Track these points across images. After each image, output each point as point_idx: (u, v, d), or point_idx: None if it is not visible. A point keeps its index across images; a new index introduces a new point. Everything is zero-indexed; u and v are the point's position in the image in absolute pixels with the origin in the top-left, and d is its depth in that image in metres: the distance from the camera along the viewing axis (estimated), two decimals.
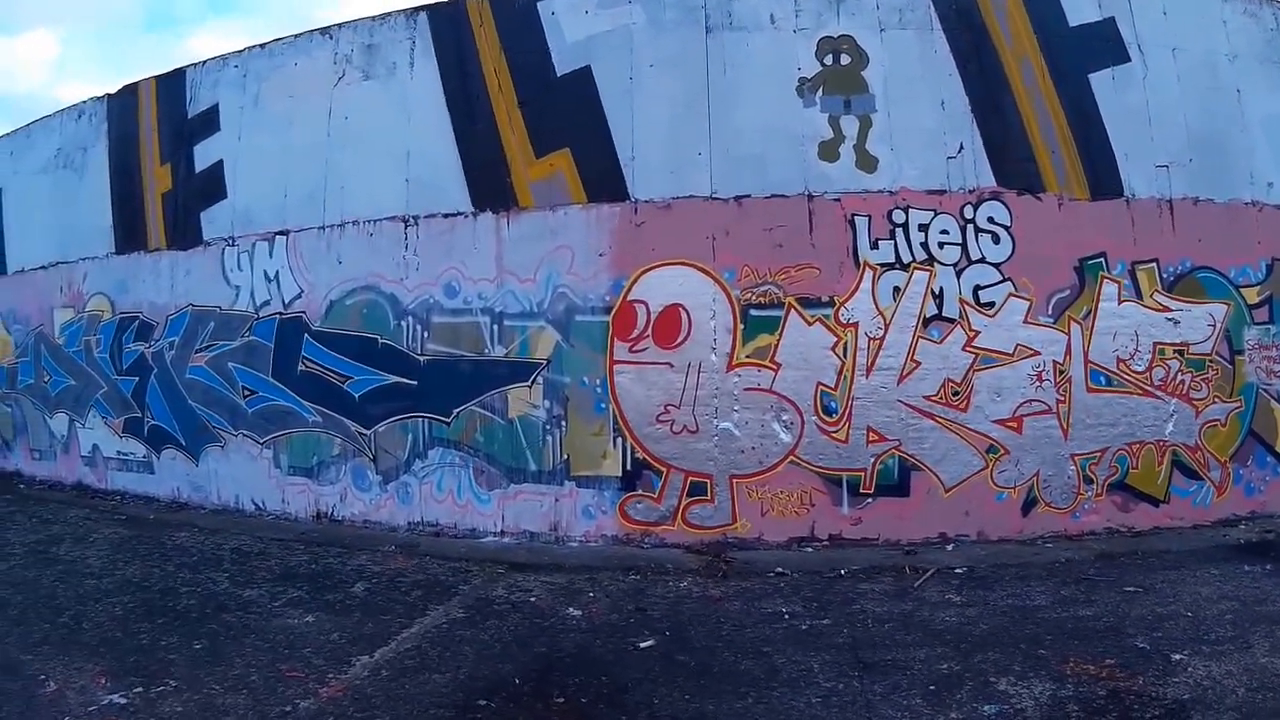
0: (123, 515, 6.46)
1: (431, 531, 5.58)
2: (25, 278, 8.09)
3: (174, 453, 6.73)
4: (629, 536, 5.28)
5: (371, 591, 4.56)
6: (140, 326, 6.92)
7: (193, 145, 6.65)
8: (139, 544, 5.56)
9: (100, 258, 7.30)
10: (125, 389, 7.03)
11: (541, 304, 5.36)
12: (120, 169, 7.20)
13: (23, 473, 8.19)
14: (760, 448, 5.16)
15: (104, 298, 7.24)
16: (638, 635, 3.86)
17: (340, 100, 6.00)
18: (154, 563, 5.11)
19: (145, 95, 7.10)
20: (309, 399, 5.93)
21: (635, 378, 5.26)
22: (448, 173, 5.61)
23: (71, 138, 7.68)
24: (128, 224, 7.09)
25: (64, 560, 5.19)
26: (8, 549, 5.49)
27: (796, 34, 5.33)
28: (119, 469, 7.16)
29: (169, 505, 6.70)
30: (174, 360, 6.65)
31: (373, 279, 5.74)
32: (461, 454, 5.50)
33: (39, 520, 6.30)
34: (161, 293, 6.75)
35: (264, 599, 4.42)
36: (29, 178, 8.07)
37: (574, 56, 5.49)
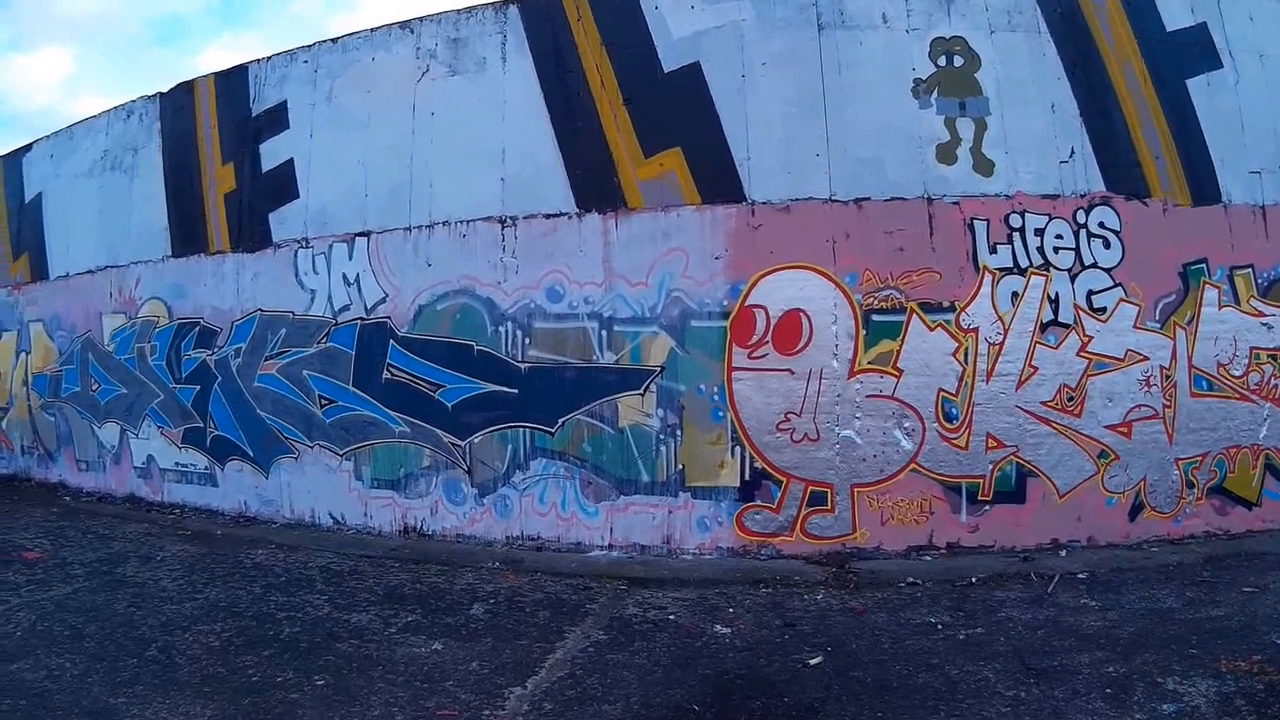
0: (186, 530, 5.54)
1: (533, 546, 4.87)
2: (70, 283, 7.01)
3: (240, 464, 5.83)
4: (745, 548, 4.69)
5: (493, 613, 3.87)
6: (201, 332, 5.99)
7: (258, 143, 5.75)
8: (214, 563, 4.69)
9: (155, 261, 6.32)
10: (185, 398, 6.09)
11: (654, 309, 4.69)
12: (176, 169, 6.24)
13: (67, 484, 7.10)
14: (881, 456, 4.64)
15: (159, 302, 6.25)
16: (799, 652, 3.39)
17: (425, 96, 5.20)
18: (237, 584, 4.28)
19: (203, 93, 6.14)
20: (395, 408, 5.12)
21: (754, 385, 4.66)
22: (548, 172, 4.89)
23: (119, 139, 6.65)
24: (186, 226, 6.14)
25: (134, 582, 4.31)
26: (68, 569, 4.55)
27: (909, 34, 4.82)
28: (177, 481, 6.20)
29: (235, 519, 5.79)
30: (240, 368, 5.75)
31: (467, 282, 4.98)
32: (567, 465, 4.79)
33: (95, 536, 5.35)
34: (225, 297, 5.84)
35: (376, 624, 3.69)
36: (72, 181, 6.98)
37: (682, 53, 4.83)
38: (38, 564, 4.59)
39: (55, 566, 4.56)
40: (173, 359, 6.19)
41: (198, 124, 6.15)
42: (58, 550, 4.94)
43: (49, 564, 4.60)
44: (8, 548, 4.99)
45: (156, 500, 6.33)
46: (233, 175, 5.88)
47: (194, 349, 6.04)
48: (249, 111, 5.85)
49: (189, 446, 6.13)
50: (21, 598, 4.00)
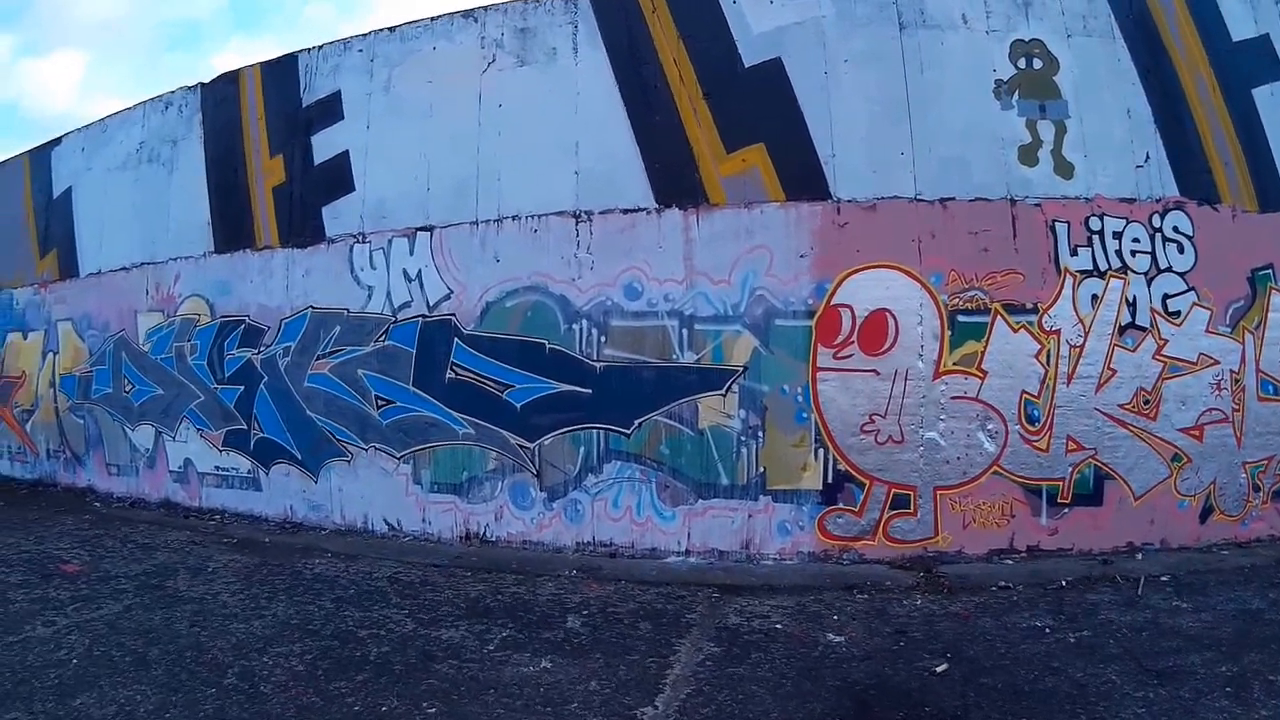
0: (232, 538, 4.91)
1: (605, 552, 4.37)
2: (102, 280, 6.29)
3: (287, 468, 5.20)
4: (826, 553, 4.26)
5: (591, 626, 3.41)
6: (246, 331, 5.35)
7: (310, 135, 5.16)
8: (271, 574, 4.11)
9: (196, 257, 5.66)
10: (227, 399, 5.44)
11: (737, 307, 4.25)
12: (219, 162, 5.60)
13: (96, 489, 6.35)
14: (965, 458, 4.24)
15: (201, 300, 5.60)
16: (920, 659, 3.08)
17: (491, 87, 4.69)
18: (303, 598, 3.72)
19: (249, 83, 5.53)
20: (459, 409, 4.58)
21: (839, 385, 4.25)
22: (625, 166, 4.41)
23: (157, 131, 5.98)
24: (230, 220, 5.51)
25: (189, 597, 3.72)
26: (113, 583, 3.92)
27: (989, 35, 4.47)
28: (217, 485, 5.54)
29: (280, 526, 5.17)
30: (289, 367, 5.13)
31: (538, 279, 4.47)
32: (643, 468, 4.31)
33: (136, 546, 4.69)
34: (274, 294, 5.22)
35: (471, 641, 3.19)
36: (105, 175, 6.28)
37: (762, 48, 4.42)
38: (80, 578, 3.96)
39: (99, 580, 3.94)
40: (214, 358, 5.54)
41: (243, 115, 5.53)
42: (98, 562, 4.29)
43: (91, 578, 3.97)
44: (44, 560, 4.32)
45: (194, 506, 5.65)
46: (282, 167, 5.28)
47: (238, 348, 5.40)
48: (299, 102, 5.26)
49: (231, 449, 5.48)
50: (69, 618, 3.38)
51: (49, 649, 3.05)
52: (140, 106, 6.26)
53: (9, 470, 7.32)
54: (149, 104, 6.19)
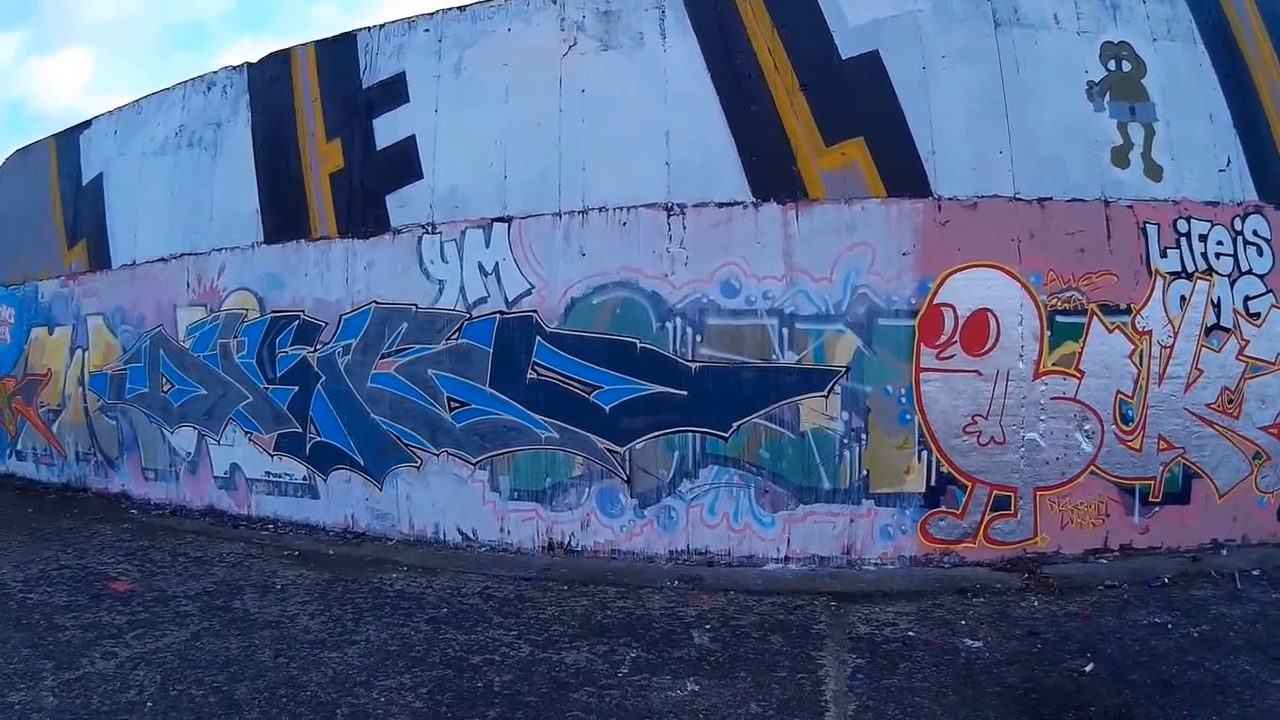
0: (291, 550, 4.19)
1: (701, 561, 3.82)
2: (137, 272, 5.46)
3: (347, 474, 4.48)
4: (928, 557, 3.80)
5: (721, 641, 2.91)
6: (301, 327, 4.62)
7: (371, 118, 4.46)
8: (347, 591, 3.45)
9: (243, 248, 4.89)
10: (279, 400, 4.69)
11: (839, 305, 3.75)
12: (269, 146, 4.85)
13: (131, 495, 5.51)
14: (1063, 458, 3.82)
15: (249, 294, 4.84)
16: (1064, 660, 2.79)
17: (573, 71, 4.09)
18: (391, 619, 3.09)
19: (302, 63, 4.78)
20: (541, 411, 3.97)
21: (942, 386, 3.79)
22: (720, 158, 3.87)
23: (198, 113, 5.18)
24: (282, 209, 4.76)
25: (264, 621, 3.05)
26: (173, 605, 3.23)
27: (1080, 36, 4.07)
28: (268, 493, 4.78)
29: (341, 536, 4.45)
30: (350, 366, 4.43)
31: (628, 274, 3.90)
32: (742, 472, 3.78)
33: (188, 560, 3.97)
34: (332, 288, 4.50)
35: (600, 665, 2.67)
36: (140, 160, 5.46)
37: (860, 40, 3.93)
38: (133, 598, 3.25)
39: (156, 601, 3.23)
40: (265, 356, 4.79)
41: (295, 96, 4.78)
42: (150, 579, 3.57)
43: (146, 598, 3.26)
44: (90, 576, 3.58)
45: (242, 514, 4.88)
46: (340, 153, 4.56)
47: (291, 345, 4.66)
48: (359, 83, 4.55)
49: (283, 454, 4.73)
50: (131, 648, 2.70)
51: (115, 688, 2.40)
52: (180, 87, 5.43)
53: (34, 473, 6.38)
54: (189, 84, 5.37)
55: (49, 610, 3.06)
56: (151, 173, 5.48)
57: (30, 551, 4.08)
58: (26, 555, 3.99)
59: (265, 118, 4.93)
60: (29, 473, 6.42)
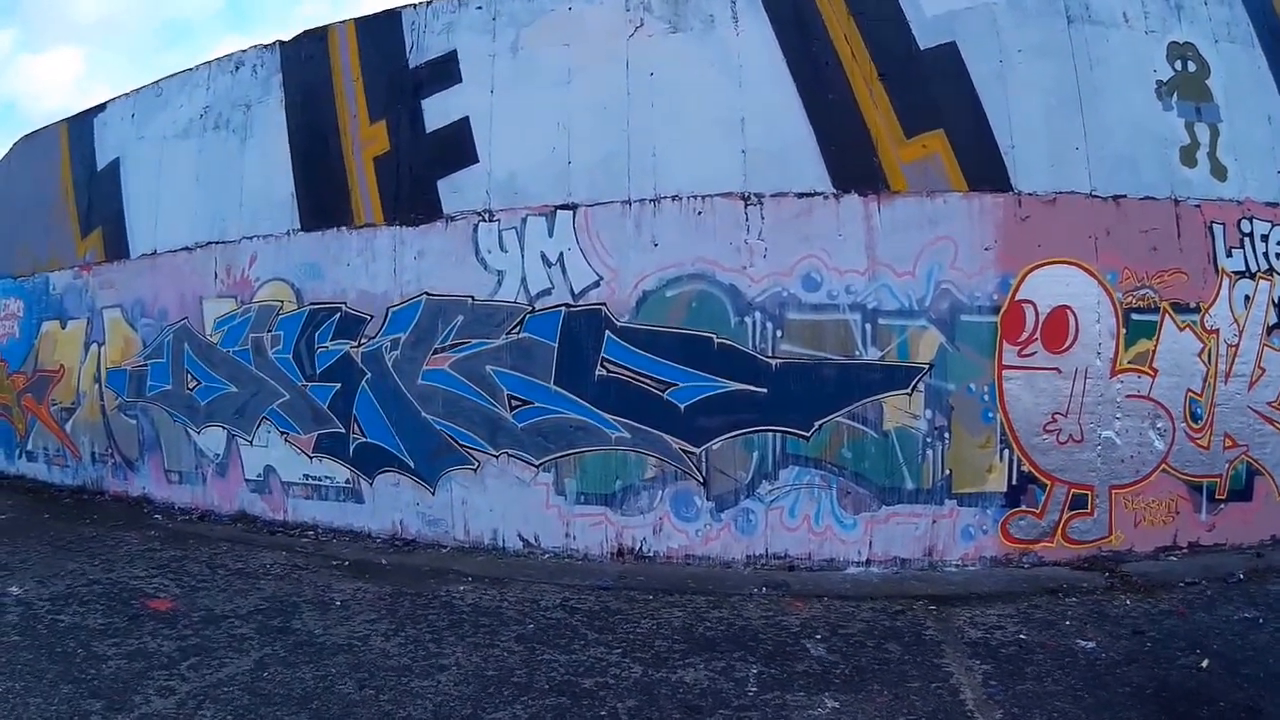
0: (340, 560, 3.65)
1: (781, 565, 3.43)
2: (159, 262, 4.83)
3: (396, 477, 3.96)
4: (1008, 557, 3.47)
5: (839, 652, 2.59)
6: (343, 320, 4.08)
7: (419, 99, 3.97)
8: (416, 607, 2.95)
9: (277, 236, 4.32)
10: (319, 398, 4.14)
11: (922, 301, 3.42)
12: (306, 128, 4.30)
13: (153, 498, 4.85)
14: (1138, 456, 3.54)
15: (284, 285, 4.27)
16: (1178, 657, 2.58)
17: (640, 53, 3.65)
18: (476, 638, 2.63)
19: (340, 41, 4.23)
20: (611, 410, 3.54)
21: (1024, 384, 3.46)
22: (798, 146, 3.49)
23: (225, 94, 4.59)
24: (321, 194, 4.21)
25: (334, 644, 2.55)
26: (225, 626, 2.69)
27: (1148, 35, 3.82)
28: (306, 496, 4.22)
29: (389, 543, 3.92)
30: (399, 362, 3.92)
31: (703, 266, 3.49)
32: (823, 473, 3.42)
33: (229, 572, 3.41)
34: (378, 279, 3.98)
35: (724, 684, 2.30)
36: (160, 144, 4.83)
37: (937, 31, 3.58)
38: (178, 619, 2.71)
39: (204, 622, 2.69)
40: (303, 351, 4.23)
41: (334, 76, 4.23)
42: (191, 595, 3.01)
43: (193, 618, 2.72)
44: (124, 594, 3.00)
45: (277, 519, 4.30)
46: (385, 135, 4.04)
47: (333, 339, 4.11)
48: (405, 62, 4.04)
49: (324, 455, 4.17)
50: (190, 681, 2.20)
51: None
52: (204, 67, 4.82)
53: (46, 475, 5.65)
54: (215, 64, 4.77)
55: (85, 635, 2.52)
56: (173, 157, 4.85)
57: (53, 564, 3.48)
58: (49, 568, 3.39)
59: (301, 98, 4.38)
60: (40, 474, 5.68)
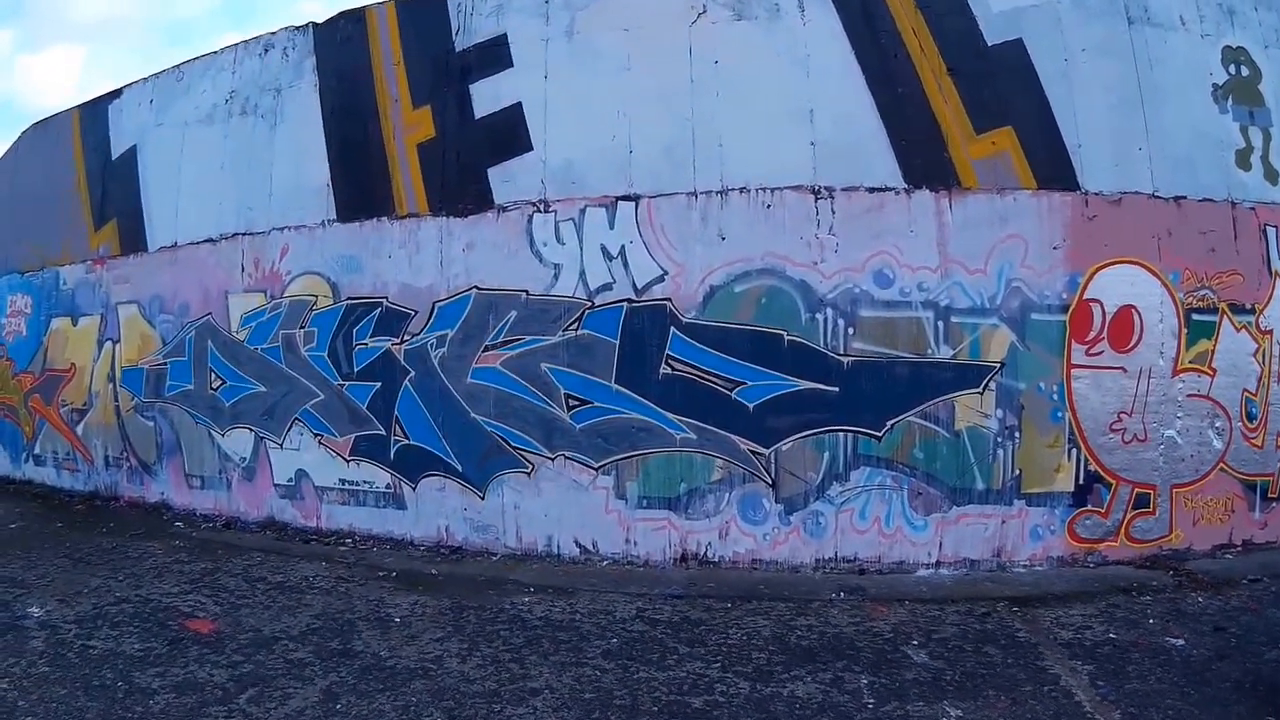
0: (386, 570, 3.32)
1: (851, 569, 3.23)
2: (179, 255, 4.43)
3: (441, 481, 3.65)
4: (1074, 557, 3.32)
5: (942, 658, 2.43)
6: (384, 315, 3.76)
7: (467, 83, 3.68)
8: (484, 623, 2.67)
9: (311, 227, 3.97)
10: (357, 398, 3.82)
11: (994, 299, 3.25)
12: (342, 114, 3.97)
13: (172, 505, 4.44)
14: (1197, 455, 3.43)
15: (319, 279, 3.93)
16: (1262, 651, 2.47)
17: (703, 41, 3.42)
18: (560, 657, 2.37)
19: (380, 23, 3.92)
20: (676, 410, 3.29)
21: (1092, 383, 3.32)
22: (868, 140, 3.30)
23: (253, 78, 4.24)
24: (359, 183, 3.89)
25: (406, 668, 2.24)
26: (279, 650, 2.37)
27: (1203, 39, 3.73)
28: (342, 502, 3.88)
29: (435, 551, 3.60)
30: (445, 360, 3.61)
31: (773, 260, 3.27)
32: (895, 474, 3.23)
33: (269, 586, 3.06)
34: (422, 271, 3.67)
35: (836, 695, 2.13)
36: (182, 130, 4.44)
37: (1003, 27, 3.42)
38: (224, 642, 2.38)
39: (254, 645, 2.36)
40: (339, 349, 3.89)
41: (373, 59, 3.91)
42: (233, 614, 2.66)
43: (240, 641, 2.39)
44: (158, 612, 2.65)
45: (311, 526, 3.95)
46: (430, 121, 3.73)
47: (372, 336, 3.79)
48: (450, 45, 3.74)
49: (362, 459, 3.84)
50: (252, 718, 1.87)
51: None
52: (229, 50, 4.44)
53: (56, 480, 5.16)
54: (241, 47, 4.39)
55: (123, 664, 2.18)
56: (196, 144, 4.46)
57: (74, 580, 3.10)
58: (71, 585, 3.01)
59: (336, 82, 4.04)
60: (49, 479, 5.20)
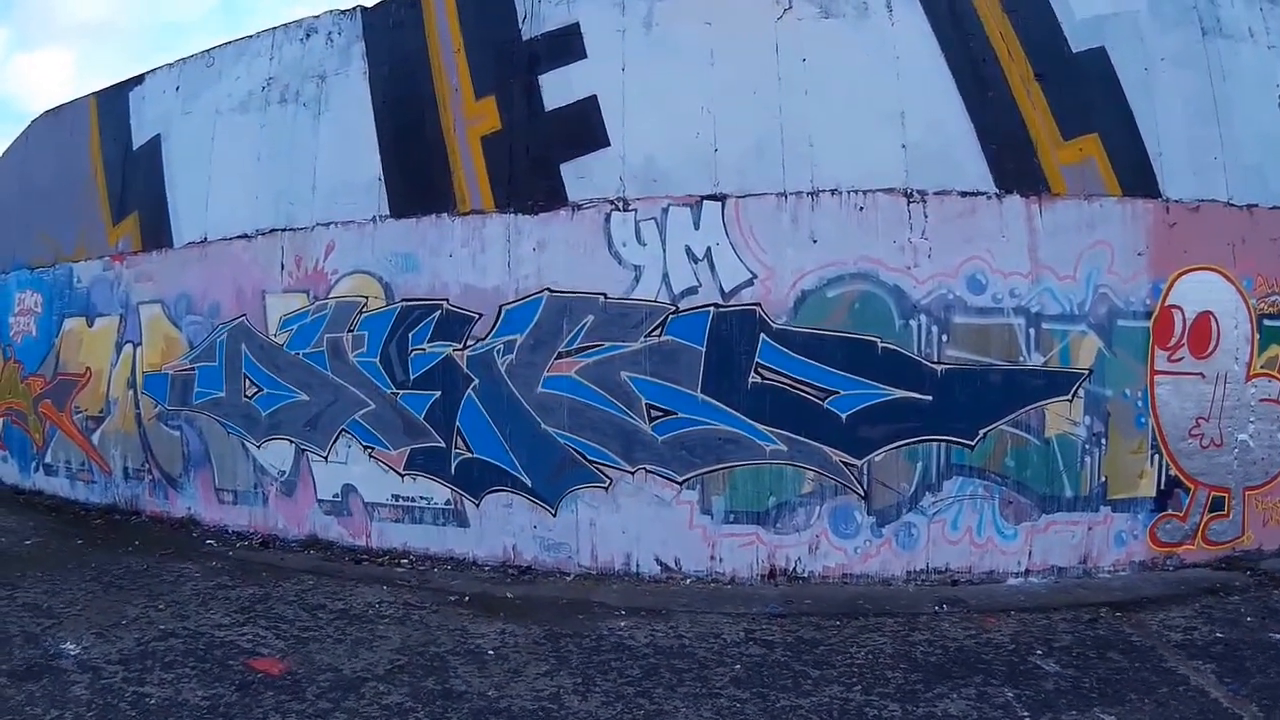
0: (456, 593, 2.98)
1: (942, 580, 3.07)
2: (209, 251, 4.03)
3: (509, 497, 3.34)
4: (1154, 561, 3.23)
5: (1073, 666, 2.32)
6: (444, 319, 3.44)
7: (535, 74, 3.39)
8: (586, 652, 2.39)
9: (360, 223, 3.63)
10: (413, 407, 3.48)
11: (1082, 305, 3.12)
12: (395, 103, 3.64)
13: (200, 520, 4.03)
14: (1268, 458, 3.37)
15: (369, 278, 3.59)
16: None
17: (789, 37, 3.20)
18: (684, 687, 2.11)
19: (437, 8, 3.59)
20: (765, 421, 3.07)
21: (1173, 389, 3.23)
22: (958, 143, 3.13)
23: (293, 64, 3.86)
24: (415, 177, 3.57)
25: (524, 710, 1.97)
26: (371, 693, 2.02)
27: (1270, 50, 3.71)
28: (396, 520, 3.53)
29: (502, 571, 3.28)
30: (514, 367, 3.31)
31: (865, 265, 3.08)
32: (986, 483, 3.08)
33: (332, 614, 2.69)
34: (488, 272, 3.36)
35: (991, 712, 2.01)
36: (212, 119, 4.05)
37: (1086, 34, 3.29)
38: (301, 685, 2.04)
39: (336, 688, 2.02)
40: (393, 354, 3.55)
41: (430, 47, 3.58)
42: (300, 649, 2.30)
43: (320, 684, 2.05)
44: (214, 649, 2.28)
45: (359, 545, 3.60)
46: (495, 112, 3.42)
47: (430, 341, 3.47)
48: (516, 33, 3.44)
49: (418, 473, 3.50)
50: None
51: None
52: (265, 35, 4.04)
53: (69, 491, 4.66)
54: (279, 31, 4.00)
55: (189, 718, 1.82)
56: (229, 133, 4.06)
57: (107, 608, 2.69)
58: (106, 615, 2.60)
59: (389, 70, 3.70)
60: (61, 490, 4.69)
